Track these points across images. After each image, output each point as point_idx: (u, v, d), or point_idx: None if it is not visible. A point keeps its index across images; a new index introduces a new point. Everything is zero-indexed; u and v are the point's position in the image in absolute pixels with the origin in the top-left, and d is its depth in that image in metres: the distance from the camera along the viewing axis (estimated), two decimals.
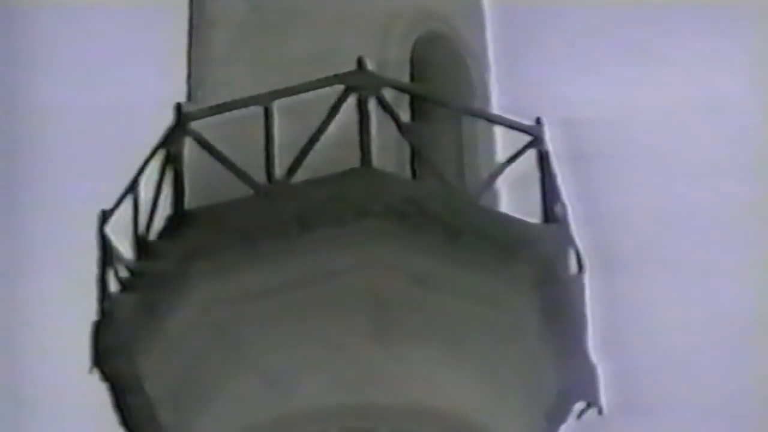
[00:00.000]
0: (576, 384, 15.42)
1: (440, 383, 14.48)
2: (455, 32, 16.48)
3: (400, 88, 15.26)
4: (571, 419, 15.75)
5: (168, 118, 16.09)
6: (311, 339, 14.56)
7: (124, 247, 15.45)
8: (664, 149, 37.30)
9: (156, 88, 24.62)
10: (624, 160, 33.40)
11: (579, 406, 15.53)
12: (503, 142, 16.32)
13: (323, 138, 14.67)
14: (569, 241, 15.35)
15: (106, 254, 15.32)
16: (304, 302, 14.43)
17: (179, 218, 14.75)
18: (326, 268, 14.35)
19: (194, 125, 15.06)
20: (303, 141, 14.58)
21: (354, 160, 14.40)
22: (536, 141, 15.22)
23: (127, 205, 15.45)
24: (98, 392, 16.09)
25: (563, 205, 15.57)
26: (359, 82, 14.65)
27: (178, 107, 15.38)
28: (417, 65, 15.79)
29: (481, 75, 16.74)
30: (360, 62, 14.73)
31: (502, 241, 14.79)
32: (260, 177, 14.59)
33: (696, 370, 34.89)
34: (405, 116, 15.15)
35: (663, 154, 36.92)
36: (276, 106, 14.76)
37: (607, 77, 36.64)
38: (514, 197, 16.11)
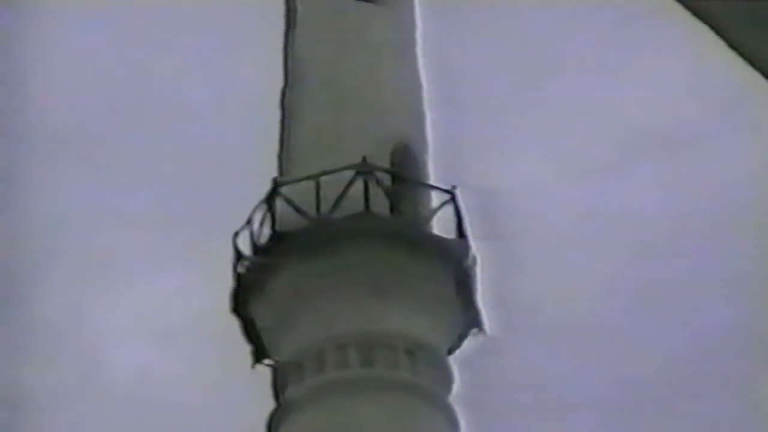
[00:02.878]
0: (472, 318, 21.78)
1: (403, 318, 20.89)
2: (412, 140, 22.78)
3: (386, 171, 21.68)
4: (470, 339, 21.97)
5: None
6: (339, 298, 20.71)
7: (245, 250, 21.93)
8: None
9: None
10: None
11: (474, 331, 21.91)
12: (439, 197, 22.29)
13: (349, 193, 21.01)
14: (468, 246, 21.64)
15: (238, 254, 21.80)
16: (335, 280, 20.71)
17: (275, 237, 21.51)
18: (349, 261, 20.82)
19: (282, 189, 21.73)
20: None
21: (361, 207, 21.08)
22: (453, 197, 21.89)
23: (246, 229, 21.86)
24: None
25: (466, 230, 21.77)
26: (364, 169, 21.29)
27: (275, 180, 22.04)
28: (394, 159, 22.04)
29: (423, 158, 22.79)
30: (364, 158, 21.32)
31: (437, 245, 21.63)
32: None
33: None
34: (387, 182, 21.54)
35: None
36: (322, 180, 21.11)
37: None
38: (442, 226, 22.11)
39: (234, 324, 22.03)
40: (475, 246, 22.01)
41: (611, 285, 36.98)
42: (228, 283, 22.03)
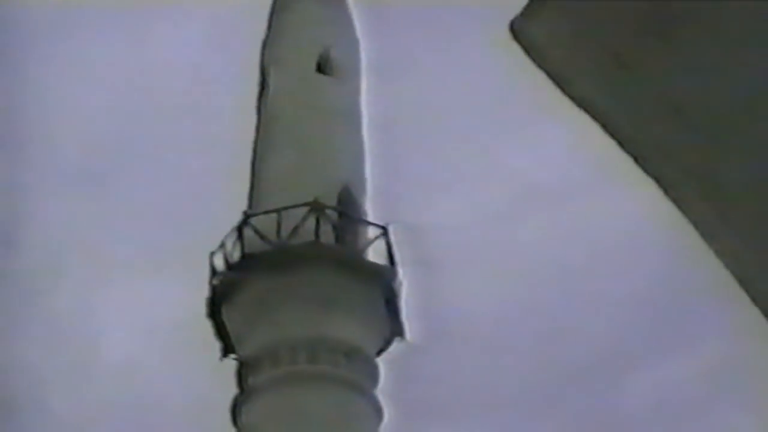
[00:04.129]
0: (397, 328, 22.15)
1: (342, 326, 21.31)
2: (354, 185, 23.23)
3: (333, 209, 22.18)
4: (395, 344, 22.26)
5: None
6: (293, 308, 21.10)
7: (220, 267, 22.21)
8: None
9: None
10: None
11: (398, 339, 22.19)
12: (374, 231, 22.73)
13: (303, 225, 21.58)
14: (396, 272, 22.15)
15: (213, 270, 22.28)
16: (290, 294, 21.08)
17: (244, 258, 22.01)
18: (301, 279, 21.15)
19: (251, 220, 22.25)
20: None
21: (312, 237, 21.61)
22: (385, 232, 22.50)
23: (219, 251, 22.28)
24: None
25: (395, 258, 22.29)
26: (316, 207, 21.82)
27: (245, 212, 22.51)
28: (339, 200, 22.49)
29: (363, 200, 23.14)
30: (316, 199, 21.82)
31: (370, 270, 22.11)
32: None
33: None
34: (334, 218, 22.10)
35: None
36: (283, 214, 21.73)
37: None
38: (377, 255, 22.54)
39: (208, 325, 22.45)
40: (401, 271, 22.51)
41: (510, 306, 37.73)
42: (205, 293, 22.47)
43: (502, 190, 40.28)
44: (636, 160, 2.43)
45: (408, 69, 34.34)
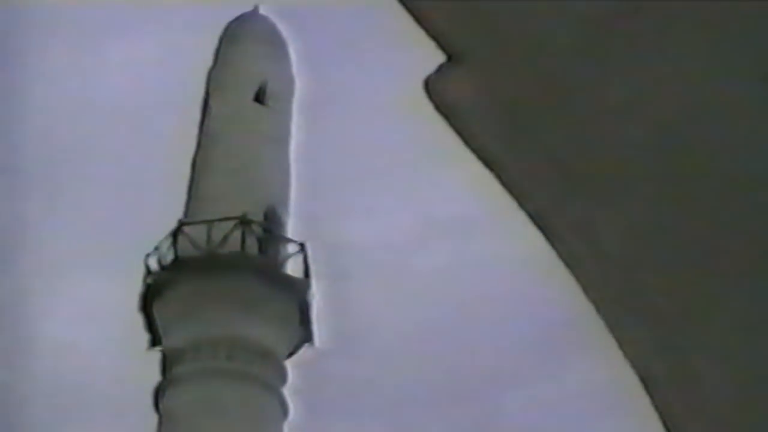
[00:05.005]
0: (307, 335, 22.35)
1: (259, 329, 21.36)
2: (279, 204, 23.50)
3: (258, 224, 22.55)
4: (305, 349, 22.49)
5: None
6: (216, 309, 21.08)
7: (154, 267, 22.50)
8: None
9: None
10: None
11: (308, 344, 22.37)
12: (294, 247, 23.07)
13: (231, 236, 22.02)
14: (310, 284, 22.43)
15: (147, 270, 22.52)
16: (214, 296, 21.19)
17: (176, 261, 22.32)
18: (225, 285, 21.36)
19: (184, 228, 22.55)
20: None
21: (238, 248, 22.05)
22: (303, 248, 22.86)
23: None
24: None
25: (310, 272, 22.58)
26: (243, 221, 22.18)
27: (180, 221, 22.72)
28: (265, 217, 22.87)
29: (286, 218, 23.52)
30: (243, 215, 22.11)
31: (287, 281, 22.41)
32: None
33: None
34: (259, 233, 22.58)
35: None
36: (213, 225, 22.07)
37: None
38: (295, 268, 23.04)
39: (140, 319, 22.54)
40: (315, 284, 22.75)
41: (409, 322, 38.02)
42: (139, 290, 22.58)
43: (410, 220, 41.10)
44: (528, 214, 2.43)
45: (336, 105, 34.96)
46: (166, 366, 21.78)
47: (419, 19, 2.42)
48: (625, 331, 2.37)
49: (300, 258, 22.93)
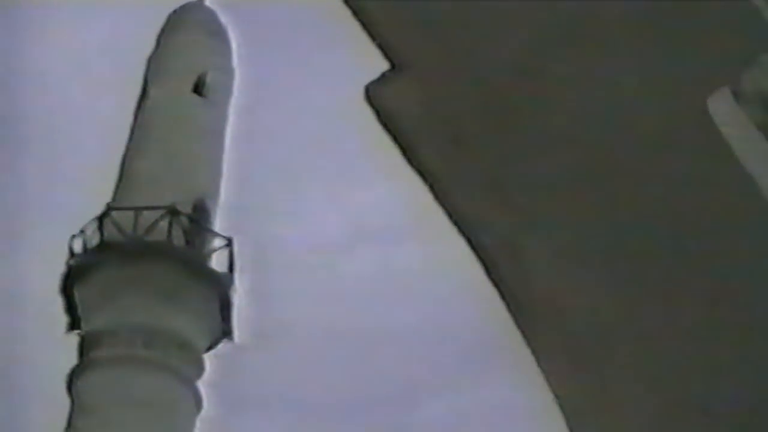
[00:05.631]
0: (226, 329, 22.09)
1: (179, 320, 21.16)
2: (209, 197, 23.31)
3: (186, 215, 22.15)
4: (222, 343, 22.24)
5: None
6: (137, 297, 20.84)
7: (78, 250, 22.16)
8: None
9: None
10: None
11: (227, 339, 22.11)
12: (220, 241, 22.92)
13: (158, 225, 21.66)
14: (233, 279, 22.17)
15: (71, 252, 22.18)
16: (136, 284, 21.17)
17: (101, 245, 21.98)
18: (148, 272, 21.07)
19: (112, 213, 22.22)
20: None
21: (164, 237, 21.58)
22: (230, 243, 22.59)
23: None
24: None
25: (234, 267, 22.37)
26: (171, 211, 21.84)
27: (108, 205, 22.42)
28: (194, 209, 22.50)
29: (214, 212, 23.37)
30: (172, 205, 21.79)
31: (210, 274, 22.10)
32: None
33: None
34: (186, 224, 22.06)
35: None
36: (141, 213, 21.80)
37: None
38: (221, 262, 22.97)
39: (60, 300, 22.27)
40: (239, 279, 22.55)
41: (331, 323, 38.09)
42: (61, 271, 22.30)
43: (339, 224, 41.24)
44: (456, 225, 2.46)
45: (276, 103, 35.28)
46: (83, 350, 21.50)
47: (367, 26, 2.44)
48: (543, 349, 2.40)
49: (226, 252, 22.83)
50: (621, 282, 2.29)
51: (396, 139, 2.47)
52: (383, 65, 2.47)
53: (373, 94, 2.50)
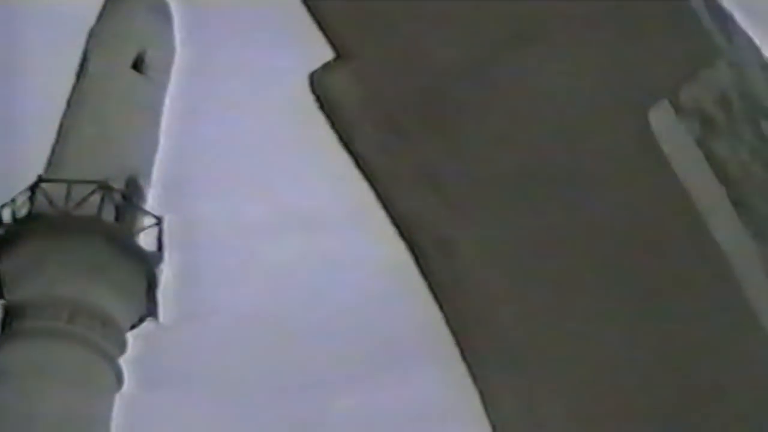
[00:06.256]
0: (151, 308, 22.36)
1: (104, 296, 21.33)
2: (142, 175, 23.56)
3: (119, 191, 22.35)
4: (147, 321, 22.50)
5: None
6: (63, 270, 21.07)
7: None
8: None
9: None
10: None
11: (151, 318, 22.40)
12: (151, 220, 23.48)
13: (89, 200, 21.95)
14: (161, 258, 22.48)
15: (0, 222, 22.18)
16: (63, 257, 21.16)
17: (30, 215, 22.10)
18: (76, 246, 21.59)
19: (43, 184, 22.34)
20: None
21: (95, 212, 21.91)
22: (159, 222, 22.81)
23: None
24: None
25: (163, 246, 22.63)
26: (103, 186, 22.08)
27: (39, 176, 22.45)
28: (126, 186, 22.81)
29: (146, 190, 23.64)
30: (104, 180, 22.02)
31: (138, 252, 22.36)
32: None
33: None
34: (118, 200, 22.67)
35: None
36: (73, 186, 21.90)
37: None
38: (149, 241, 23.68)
39: None
40: (167, 259, 22.64)
41: (256, 307, 38.04)
42: None
43: (267, 209, 41.09)
44: (392, 220, 2.46)
45: (216, 85, 35.08)
46: (5, 320, 21.42)
47: (314, 13, 2.42)
48: (472, 348, 2.40)
49: (155, 231, 22.81)
50: (555, 283, 2.31)
51: (336, 126, 2.46)
52: (330, 54, 2.46)
53: (317, 81, 2.49)
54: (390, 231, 2.55)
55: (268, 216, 41.33)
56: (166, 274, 22.61)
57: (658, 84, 2.38)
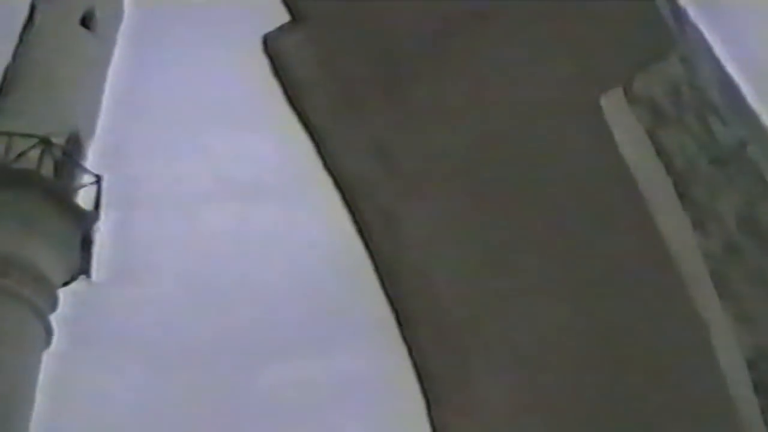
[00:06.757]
0: (85, 267, 22.40)
1: (38, 252, 21.37)
2: (84, 132, 23.42)
3: (59, 147, 22.35)
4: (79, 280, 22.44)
5: None
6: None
7: None
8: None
9: None
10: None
11: (83, 276, 22.33)
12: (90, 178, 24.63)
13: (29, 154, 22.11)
14: (97, 216, 22.33)
15: None
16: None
17: None
18: (13, 200, 20.99)
19: None
20: None
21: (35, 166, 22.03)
22: (98, 181, 22.83)
23: None
24: None
25: (100, 205, 22.60)
26: (44, 140, 22.03)
27: None
28: (68, 142, 22.71)
29: (87, 148, 23.41)
30: (46, 135, 21.93)
31: (74, 210, 21.95)
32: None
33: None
34: (58, 156, 22.91)
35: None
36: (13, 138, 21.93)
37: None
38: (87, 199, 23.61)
39: None
40: (104, 218, 22.55)
41: (190, 270, 37.98)
42: None
43: (211, 173, 40.72)
44: (338, 188, 2.45)
45: (165, 46, 35.00)
46: None
47: None
48: (408, 321, 2.40)
49: (93, 190, 22.70)
50: (497, 261, 2.32)
51: (287, 91, 2.45)
52: (286, 17, 2.44)
53: (270, 44, 2.47)
54: (332, 202, 2.54)
55: (210, 181, 41.29)
56: (101, 233, 22.45)
57: (612, 70, 2.40)
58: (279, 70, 2.44)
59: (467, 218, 2.34)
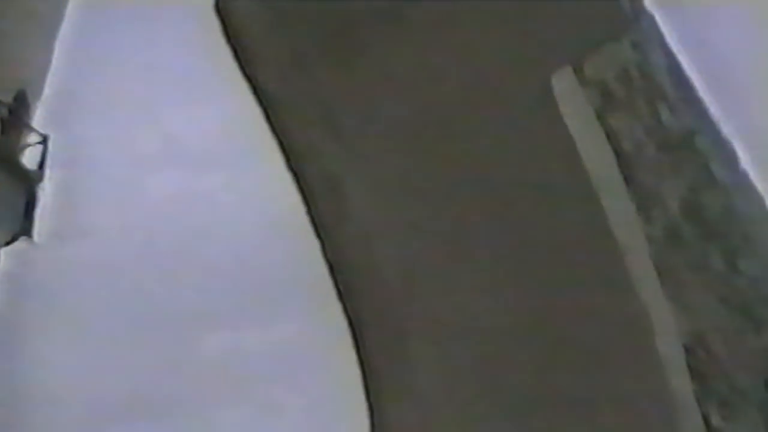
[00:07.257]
0: (27, 228, 23.41)
1: None
2: (32, 89, 24.47)
3: (4, 104, 23.38)
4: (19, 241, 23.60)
5: None
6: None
7: None
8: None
9: None
10: None
11: (25, 237, 23.68)
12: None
13: None
14: (42, 178, 23.35)
15: None
16: None
17: None
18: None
19: None
20: None
21: None
22: (45, 141, 23.64)
23: None
24: None
25: (45, 165, 23.91)
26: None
27: None
28: (14, 99, 23.70)
29: (35, 107, 24.58)
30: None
31: (18, 169, 23.30)
32: None
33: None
34: (4, 114, 23.29)
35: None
36: None
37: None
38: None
39: None
40: (48, 179, 22.38)
41: (132, 237, 37.91)
42: None
43: (158, 137, 40.60)
44: (284, 152, 2.44)
45: (120, 10, 34.10)
46: None
47: None
48: (349, 291, 2.39)
49: (39, 149, 22.64)
50: (437, 229, 2.31)
51: (238, 55, 2.43)
52: None
53: (223, 6, 2.45)
54: (280, 171, 2.52)
55: (157, 146, 40.95)
56: (45, 193, 22.35)
57: (565, 50, 2.40)
58: (230, 34, 2.42)
59: (410, 189, 2.33)
